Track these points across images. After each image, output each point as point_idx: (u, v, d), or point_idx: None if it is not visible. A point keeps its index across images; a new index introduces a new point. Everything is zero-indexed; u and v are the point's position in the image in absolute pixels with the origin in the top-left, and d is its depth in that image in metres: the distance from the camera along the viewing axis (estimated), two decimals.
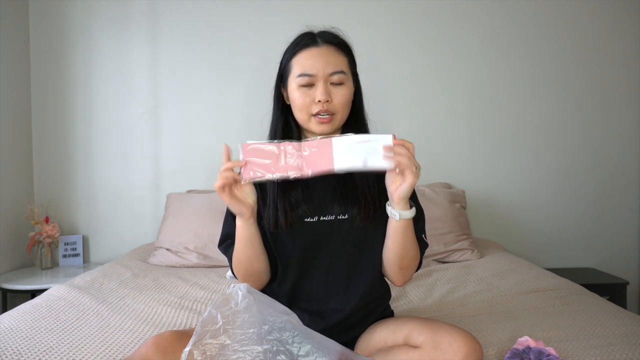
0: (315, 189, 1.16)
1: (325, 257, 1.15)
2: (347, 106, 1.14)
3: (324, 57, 1.10)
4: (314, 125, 1.12)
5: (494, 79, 2.65)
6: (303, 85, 1.11)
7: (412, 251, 1.12)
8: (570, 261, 2.70)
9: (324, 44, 1.12)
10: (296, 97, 1.12)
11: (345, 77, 1.12)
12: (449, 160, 2.67)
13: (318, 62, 1.10)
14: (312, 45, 1.12)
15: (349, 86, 1.13)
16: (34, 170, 2.61)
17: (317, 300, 1.17)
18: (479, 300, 1.63)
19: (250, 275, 1.14)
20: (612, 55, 2.65)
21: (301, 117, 1.13)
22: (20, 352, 1.20)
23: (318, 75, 1.10)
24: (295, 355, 0.92)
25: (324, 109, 1.10)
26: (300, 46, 1.13)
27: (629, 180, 2.68)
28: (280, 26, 2.58)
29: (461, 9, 2.62)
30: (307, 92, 1.11)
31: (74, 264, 2.54)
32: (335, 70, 1.10)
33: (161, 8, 2.59)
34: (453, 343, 0.98)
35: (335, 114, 1.11)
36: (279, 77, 1.18)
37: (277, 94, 1.19)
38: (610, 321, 1.37)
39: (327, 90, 1.10)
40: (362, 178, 1.14)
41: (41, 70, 2.59)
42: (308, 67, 1.10)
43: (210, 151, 2.63)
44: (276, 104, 1.19)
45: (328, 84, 1.10)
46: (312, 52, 1.11)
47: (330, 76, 1.10)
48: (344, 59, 1.13)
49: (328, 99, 1.09)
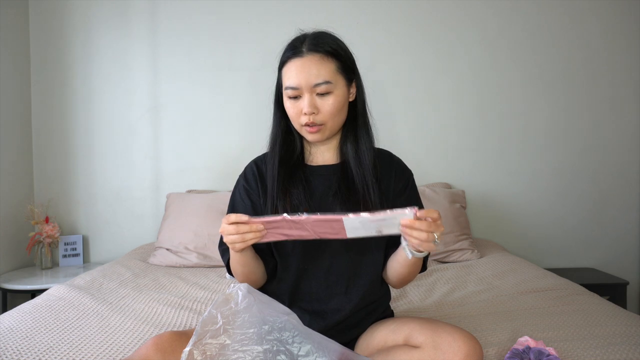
0: (316, 189, 1.16)
1: (326, 257, 1.15)
2: (339, 113, 1.13)
3: (307, 68, 1.08)
4: (306, 134, 1.14)
5: (494, 79, 2.65)
6: (290, 97, 1.11)
7: (415, 272, 1.14)
8: (570, 261, 2.70)
9: (309, 53, 1.09)
10: (288, 107, 1.13)
11: (332, 86, 1.10)
12: (449, 160, 2.67)
13: (301, 75, 1.09)
14: (296, 56, 1.10)
15: (337, 94, 1.11)
16: (34, 170, 2.61)
17: (318, 300, 1.17)
18: (479, 300, 1.63)
19: (248, 280, 1.15)
20: (613, 56, 2.65)
21: (295, 126, 1.15)
22: (20, 352, 1.20)
23: (302, 87, 1.09)
24: (296, 355, 0.92)
25: (311, 120, 1.10)
26: (285, 57, 1.12)
27: (629, 180, 2.68)
28: (281, 26, 2.56)
29: (461, 8, 2.62)
30: (295, 103, 1.11)
31: (74, 264, 2.54)
32: (318, 82, 1.08)
33: (161, 8, 2.59)
34: (453, 343, 0.98)
35: (323, 124, 1.12)
36: (277, 84, 1.18)
37: (276, 100, 1.19)
38: (610, 321, 1.37)
39: (312, 103, 1.09)
40: (363, 180, 1.14)
41: (41, 70, 2.59)
42: (292, 80, 1.10)
43: (210, 151, 2.63)
44: (276, 110, 1.20)
45: (313, 95, 1.10)
46: (295, 64, 1.10)
47: (315, 87, 1.09)
48: (330, 66, 1.10)
49: (313, 111, 1.09)
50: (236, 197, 1.23)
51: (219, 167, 2.62)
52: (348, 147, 1.17)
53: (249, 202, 1.19)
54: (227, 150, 2.61)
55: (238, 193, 1.23)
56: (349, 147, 1.17)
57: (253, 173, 1.22)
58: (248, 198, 1.20)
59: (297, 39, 1.14)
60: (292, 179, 1.15)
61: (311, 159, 1.22)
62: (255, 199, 1.19)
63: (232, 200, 1.24)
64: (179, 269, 2.13)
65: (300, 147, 1.21)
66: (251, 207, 1.19)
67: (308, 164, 1.21)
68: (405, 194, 1.21)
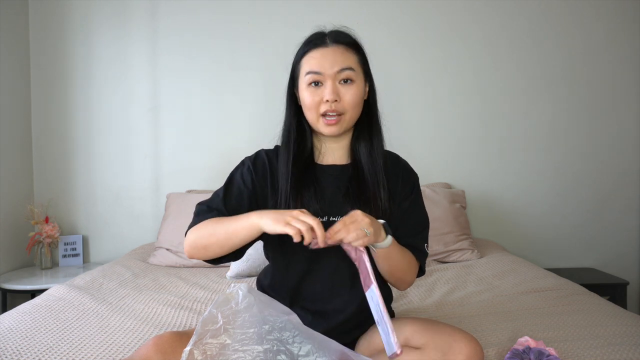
0: (326, 189, 1.15)
1: (332, 257, 1.14)
2: (358, 106, 1.12)
3: (332, 55, 1.09)
4: (322, 127, 1.12)
5: (494, 79, 2.65)
6: (311, 83, 1.10)
7: (402, 265, 1.13)
8: (570, 261, 2.70)
9: (333, 43, 1.11)
10: (305, 97, 1.11)
11: (355, 74, 1.10)
12: (449, 160, 2.67)
13: (326, 60, 1.09)
14: (321, 45, 1.11)
15: (358, 85, 1.11)
16: (34, 170, 2.61)
17: (322, 300, 1.16)
18: (479, 301, 1.63)
19: (204, 252, 1.07)
20: (614, 57, 2.65)
21: (311, 117, 1.13)
22: (20, 352, 1.20)
23: (326, 73, 1.09)
24: (296, 355, 0.92)
25: (332, 108, 1.09)
26: (309, 46, 1.12)
27: (629, 181, 2.68)
28: (281, 27, 2.59)
29: (462, 9, 2.62)
30: (315, 91, 1.10)
31: (73, 264, 2.54)
32: (343, 67, 1.09)
33: (161, 8, 2.59)
34: (454, 344, 0.98)
35: (343, 114, 1.10)
36: (291, 79, 1.17)
37: (289, 94, 1.18)
38: (611, 321, 1.37)
39: (335, 89, 1.09)
40: (374, 180, 1.14)
41: (41, 70, 2.59)
42: (315, 65, 1.09)
43: (210, 151, 2.63)
44: (289, 105, 1.18)
45: (336, 82, 1.09)
46: (320, 52, 1.10)
47: (339, 73, 1.09)
48: (353, 57, 1.12)
49: (336, 98, 1.08)
50: (236, 176, 1.17)
51: (219, 167, 2.61)
52: (361, 146, 1.16)
53: (250, 186, 1.14)
54: (227, 150, 2.61)
55: (239, 173, 1.17)
56: (363, 146, 1.16)
57: (264, 164, 1.17)
58: (250, 182, 1.14)
59: (317, 33, 1.14)
60: (303, 178, 1.13)
61: (321, 158, 1.20)
62: (258, 189, 1.15)
63: (230, 178, 1.17)
64: (179, 269, 2.13)
65: (310, 146, 1.19)
66: (247, 195, 1.13)
67: (318, 162, 1.19)
68: (410, 198, 1.20)
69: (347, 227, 0.96)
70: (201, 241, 1.06)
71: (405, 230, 1.17)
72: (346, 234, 0.96)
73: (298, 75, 1.14)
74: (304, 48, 1.13)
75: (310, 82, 1.10)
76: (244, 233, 1.01)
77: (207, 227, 1.05)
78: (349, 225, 0.97)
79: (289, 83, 1.18)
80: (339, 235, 0.96)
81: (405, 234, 1.16)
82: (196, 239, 1.06)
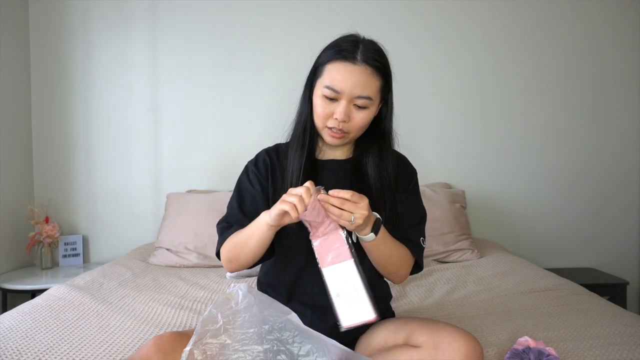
0: (328, 186, 1.15)
1: None
2: (363, 128, 1.14)
3: (357, 77, 1.06)
4: (326, 136, 1.14)
5: (494, 78, 2.65)
6: (327, 96, 1.09)
7: (393, 258, 1.13)
8: (570, 261, 2.70)
9: (362, 63, 1.07)
10: (317, 105, 1.12)
11: (370, 103, 1.10)
12: (449, 160, 2.67)
13: (349, 81, 1.06)
14: (350, 60, 1.07)
15: (371, 111, 1.12)
16: (34, 170, 2.61)
17: (320, 294, 1.15)
18: (479, 300, 1.63)
19: (237, 263, 1.14)
20: (614, 56, 2.65)
21: (317, 123, 1.14)
22: (20, 352, 1.20)
23: (344, 93, 1.07)
24: (296, 355, 0.92)
25: (339, 127, 1.10)
26: (336, 56, 1.08)
27: (629, 180, 2.68)
28: (281, 27, 2.59)
29: (464, 8, 2.62)
30: (328, 104, 1.10)
31: (74, 264, 2.54)
32: (362, 95, 1.07)
33: (161, 8, 2.59)
34: (453, 343, 0.98)
35: (348, 133, 1.12)
36: (313, 70, 1.15)
37: (309, 84, 1.16)
38: (610, 321, 1.37)
39: (348, 112, 1.09)
40: (377, 179, 1.15)
41: (41, 70, 2.59)
42: (337, 83, 1.07)
43: (210, 151, 2.63)
44: (306, 94, 1.17)
45: (351, 105, 1.09)
46: (347, 68, 1.07)
47: (356, 99, 1.08)
48: (376, 84, 1.09)
49: (345, 120, 1.09)
50: (244, 182, 1.22)
51: (219, 167, 2.62)
52: (370, 161, 1.17)
53: (259, 187, 1.19)
54: (227, 150, 2.61)
55: (247, 179, 1.22)
56: (371, 161, 1.17)
57: (265, 162, 1.22)
58: (258, 184, 1.20)
59: (350, 41, 1.10)
60: (306, 172, 1.15)
61: (321, 155, 1.22)
62: (265, 187, 1.20)
63: (238, 186, 1.22)
64: (179, 269, 2.13)
65: (316, 141, 1.21)
66: (261, 193, 1.19)
67: (318, 158, 1.21)
68: (407, 192, 1.21)
69: (345, 204, 0.98)
70: (231, 255, 1.14)
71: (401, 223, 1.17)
72: (338, 209, 0.97)
73: (319, 77, 1.12)
74: (333, 54, 1.09)
75: (326, 96, 1.09)
76: (257, 233, 1.07)
77: (232, 241, 1.13)
78: (348, 202, 0.98)
79: (310, 73, 1.16)
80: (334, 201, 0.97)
81: (401, 226, 1.17)
82: (227, 255, 1.14)
